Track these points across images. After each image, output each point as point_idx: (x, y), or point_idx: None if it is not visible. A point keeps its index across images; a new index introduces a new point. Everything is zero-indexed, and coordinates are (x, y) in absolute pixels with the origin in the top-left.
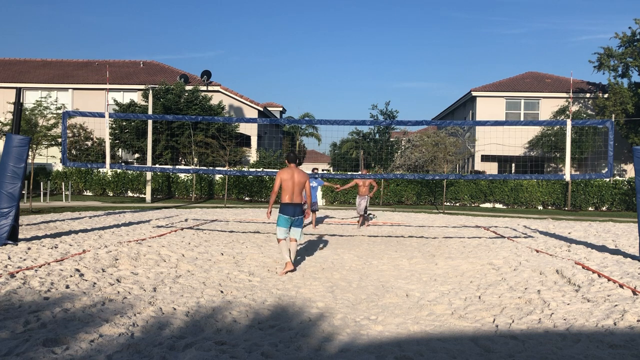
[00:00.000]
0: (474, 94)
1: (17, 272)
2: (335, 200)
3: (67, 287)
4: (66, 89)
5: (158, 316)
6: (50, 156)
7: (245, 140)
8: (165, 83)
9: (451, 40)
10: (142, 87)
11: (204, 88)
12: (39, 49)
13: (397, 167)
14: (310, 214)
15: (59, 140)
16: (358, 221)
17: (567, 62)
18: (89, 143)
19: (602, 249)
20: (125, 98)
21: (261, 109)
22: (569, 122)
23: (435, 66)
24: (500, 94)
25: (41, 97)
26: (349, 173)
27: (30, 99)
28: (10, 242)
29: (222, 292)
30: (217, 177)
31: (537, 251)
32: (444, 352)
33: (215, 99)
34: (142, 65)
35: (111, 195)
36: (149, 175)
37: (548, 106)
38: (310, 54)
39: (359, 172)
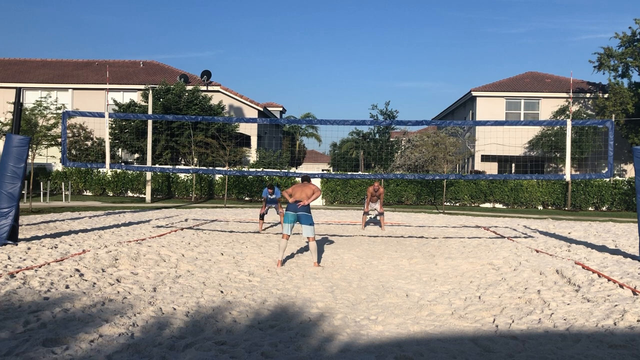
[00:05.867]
0: (474, 94)
1: (17, 272)
2: (335, 200)
3: (67, 287)
4: (66, 89)
5: (158, 316)
6: (50, 156)
7: (245, 140)
8: (165, 83)
9: (451, 40)
10: (142, 87)
11: (204, 88)
12: (39, 49)
13: (397, 167)
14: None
15: (59, 140)
16: (381, 225)
17: (567, 62)
18: (89, 143)
19: (602, 249)
20: (125, 98)
21: (261, 109)
22: (569, 122)
23: (435, 66)
24: (500, 94)
25: (41, 97)
26: (349, 173)
27: (30, 99)
28: (10, 242)
29: (222, 292)
30: (217, 177)
31: (537, 251)
32: (444, 352)
33: (215, 99)
34: (142, 65)
35: (111, 195)
36: (148, 175)
37: (548, 106)
38: (310, 54)
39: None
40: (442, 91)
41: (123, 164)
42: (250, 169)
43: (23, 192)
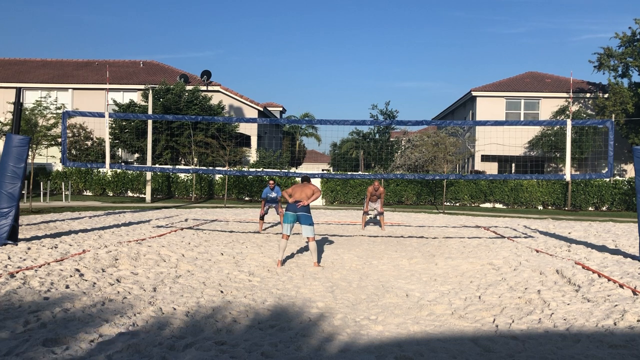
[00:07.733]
0: (474, 94)
1: (17, 272)
2: (335, 200)
3: (67, 287)
4: (66, 89)
5: (158, 316)
6: (50, 156)
7: (245, 140)
8: (165, 83)
9: (451, 40)
10: (142, 87)
11: (204, 88)
12: (39, 49)
13: (397, 167)
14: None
15: (59, 140)
16: (381, 225)
17: (567, 62)
18: (89, 143)
19: (602, 249)
20: (125, 98)
21: (261, 109)
22: (569, 122)
23: (435, 66)
24: (500, 94)
25: (41, 97)
26: (349, 173)
27: (30, 99)
28: (10, 242)
29: (222, 292)
30: (217, 177)
31: (537, 251)
32: (444, 352)
33: (215, 99)
34: (142, 65)
35: (111, 195)
36: (148, 175)
37: (548, 106)
38: (310, 54)
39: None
40: (442, 91)
41: (123, 164)
42: (250, 169)
43: (23, 192)
